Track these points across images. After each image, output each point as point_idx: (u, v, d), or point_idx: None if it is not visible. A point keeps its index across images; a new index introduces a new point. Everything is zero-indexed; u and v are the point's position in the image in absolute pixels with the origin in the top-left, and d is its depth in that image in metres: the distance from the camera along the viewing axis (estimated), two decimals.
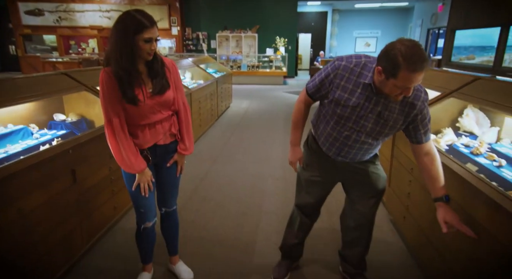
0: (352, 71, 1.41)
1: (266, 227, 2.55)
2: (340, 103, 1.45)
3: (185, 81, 5.20)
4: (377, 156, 1.68)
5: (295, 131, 1.72)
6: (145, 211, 1.70)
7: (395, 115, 1.41)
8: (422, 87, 1.42)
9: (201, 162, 3.97)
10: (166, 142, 1.67)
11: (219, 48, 12.35)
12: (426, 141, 1.46)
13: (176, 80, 1.65)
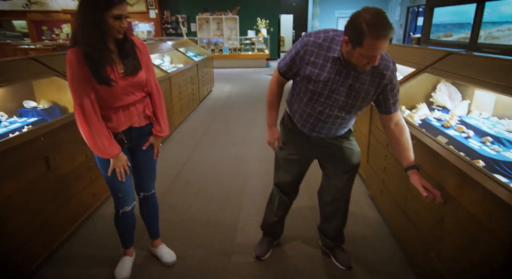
0: (321, 46, 1.42)
1: (248, 208, 2.58)
2: (311, 79, 1.46)
3: (164, 65, 5.08)
4: (351, 131, 1.71)
5: (270, 111, 1.73)
6: (122, 195, 1.69)
7: (366, 87, 1.44)
8: (390, 58, 1.45)
9: (184, 146, 3.95)
10: (141, 124, 1.64)
11: (199, 31, 12.05)
12: (395, 111, 1.49)
13: (147, 61, 1.62)
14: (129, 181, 1.69)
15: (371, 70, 1.40)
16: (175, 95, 4.44)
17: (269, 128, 1.76)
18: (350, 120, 1.61)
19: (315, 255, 2.03)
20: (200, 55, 6.77)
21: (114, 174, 1.60)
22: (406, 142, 1.49)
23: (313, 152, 1.74)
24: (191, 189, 2.89)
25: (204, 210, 2.55)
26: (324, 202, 1.91)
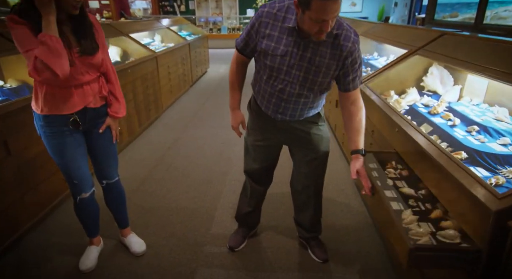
0: (275, 17, 1.31)
1: (228, 195, 2.49)
2: (268, 54, 1.34)
3: (153, 44, 4.89)
4: (321, 115, 1.58)
5: (232, 93, 1.63)
6: (78, 182, 1.59)
7: (327, 61, 1.31)
8: (352, 28, 1.32)
9: (170, 130, 3.83)
10: (97, 105, 1.53)
11: (197, 10, 11.67)
12: (353, 88, 1.39)
13: (102, 39, 1.51)
14: (84, 166, 1.59)
15: (331, 42, 1.28)
16: (163, 75, 4.29)
17: (232, 112, 1.67)
18: (316, 100, 1.47)
19: (292, 247, 1.95)
20: (195, 34, 6.54)
21: (67, 159, 1.52)
22: (358, 123, 1.39)
23: (280, 137, 1.62)
24: (173, 174, 2.80)
25: (182, 197, 2.47)
26: (295, 191, 1.82)
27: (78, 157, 1.54)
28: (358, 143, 1.39)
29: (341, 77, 1.36)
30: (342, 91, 1.41)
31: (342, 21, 1.29)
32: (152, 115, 3.93)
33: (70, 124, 1.46)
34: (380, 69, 2.42)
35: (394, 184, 1.45)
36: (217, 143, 3.44)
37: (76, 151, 1.53)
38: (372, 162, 1.64)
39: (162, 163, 3.01)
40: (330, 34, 1.26)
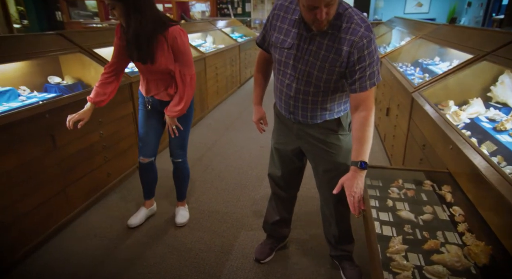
0: (287, 9, 1.26)
1: (262, 202, 2.40)
2: (277, 47, 1.30)
3: (204, 45, 5.00)
4: (341, 124, 1.41)
5: (254, 88, 1.61)
6: (142, 145, 1.96)
7: (331, 55, 1.19)
8: (365, 23, 1.16)
9: (212, 131, 3.86)
10: (163, 99, 1.85)
11: (253, 12, 11.77)
12: (360, 90, 1.21)
13: (177, 52, 1.70)
14: (152, 136, 1.95)
15: (337, 36, 1.18)
16: (210, 77, 4.34)
17: (253, 107, 1.66)
18: (328, 101, 1.33)
19: (322, 266, 1.80)
20: (246, 36, 6.57)
21: (140, 124, 1.93)
22: (361, 132, 1.23)
23: (296, 143, 1.51)
24: (209, 176, 2.80)
25: (215, 200, 2.44)
26: (320, 203, 1.67)
27: (148, 126, 1.92)
28: (358, 153, 1.23)
29: (347, 76, 1.23)
30: (349, 92, 1.27)
31: (354, 14, 1.17)
32: (196, 116, 4.00)
33: (146, 102, 1.89)
34: (439, 75, 2.14)
35: (394, 206, 1.28)
36: (256, 146, 3.38)
37: (149, 121, 1.92)
38: (377, 179, 1.45)
39: (200, 163, 3.03)
40: (335, 26, 1.16)
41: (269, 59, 1.52)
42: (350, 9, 1.18)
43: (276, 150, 1.61)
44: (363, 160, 1.22)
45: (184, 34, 1.70)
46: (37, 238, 1.85)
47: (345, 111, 1.40)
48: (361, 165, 1.21)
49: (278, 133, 1.58)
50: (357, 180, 1.21)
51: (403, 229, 1.14)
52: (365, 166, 1.22)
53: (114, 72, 1.80)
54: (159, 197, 2.40)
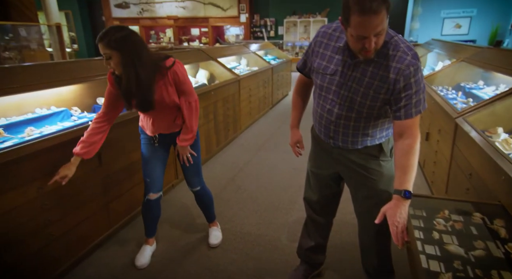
0: (330, 37, 1.29)
1: (295, 226, 2.36)
2: (319, 72, 1.32)
3: (238, 68, 5.15)
4: (383, 150, 1.38)
5: (292, 112, 1.63)
6: (150, 180, 1.88)
7: (376, 82, 1.19)
8: (412, 51, 1.16)
9: (244, 151, 3.90)
10: (173, 130, 1.84)
11: (286, 35, 12.04)
12: (405, 117, 1.19)
13: (179, 84, 1.70)
14: (159, 171, 1.90)
15: (382, 63, 1.19)
16: (244, 98, 4.44)
17: (290, 130, 1.67)
18: (370, 127, 1.31)
19: None
20: (279, 59, 6.70)
21: (146, 159, 1.88)
22: (405, 160, 1.20)
23: (336, 168, 1.49)
24: (241, 196, 2.81)
25: (247, 222, 2.43)
26: (358, 232, 1.62)
27: (155, 160, 1.88)
28: (400, 181, 1.20)
29: (392, 103, 1.22)
30: (392, 119, 1.26)
31: (401, 42, 1.18)
32: (229, 136, 4.08)
33: (151, 140, 1.87)
34: (486, 101, 2.05)
35: (440, 239, 1.19)
36: (289, 168, 3.36)
37: (155, 155, 1.88)
38: (420, 209, 1.37)
39: (232, 183, 3.05)
40: (381, 54, 1.17)
41: (308, 84, 1.56)
42: (396, 37, 1.19)
43: (313, 174, 1.60)
44: (407, 188, 1.18)
45: (180, 65, 1.69)
46: (81, 251, 1.94)
47: (386, 137, 1.38)
48: (405, 194, 1.17)
49: (316, 157, 1.57)
50: (401, 209, 1.17)
51: (452, 265, 1.07)
52: (410, 195, 1.18)
53: (108, 122, 1.73)
54: (193, 216, 2.44)
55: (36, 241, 1.65)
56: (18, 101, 2.02)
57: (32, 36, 7.05)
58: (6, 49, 5.79)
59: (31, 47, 6.94)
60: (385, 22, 1.06)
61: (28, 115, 2.03)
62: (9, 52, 5.74)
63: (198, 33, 13.20)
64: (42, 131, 1.91)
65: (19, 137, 1.81)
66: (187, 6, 12.61)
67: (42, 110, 2.13)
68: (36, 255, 1.66)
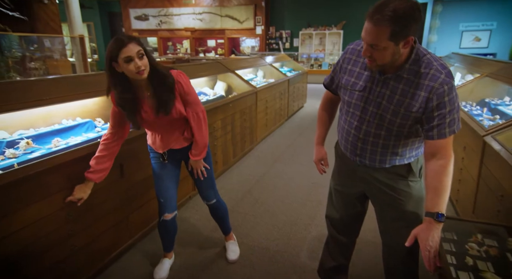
0: (359, 54, 1.31)
1: (314, 243, 2.31)
2: (347, 89, 1.32)
3: (255, 79, 5.18)
4: (412, 170, 1.33)
5: (317, 128, 1.62)
6: (164, 201, 1.83)
7: (407, 100, 1.17)
8: (446, 69, 1.13)
9: (261, 162, 3.89)
10: (182, 145, 1.79)
11: (301, 46, 12.11)
12: (438, 137, 1.16)
13: (184, 94, 1.65)
14: (172, 190, 1.85)
15: (414, 81, 1.17)
16: (261, 110, 4.45)
17: (315, 146, 1.64)
18: (400, 146, 1.28)
19: None
20: (295, 70, 6.72)
21: (158, 178, 1.82)
22: (437, 181, 1.17)
23: (360, 186, 1.45)
24: (258, 210, 2.78)
25: (265, 236, 2.40)
26: (382, 255, 1.56)
27: (167, 179, 1.83)
28: (432, 204, 1.16)
29: (424, 122, 1.18)
30: (424, 138, 1.22)
31: (434, 60, 1.16)
32: (246, 147, 4.08)
33: (160, 157, 1.80)
34: None
35: (475, 265, 1.13)
36: (306, 182, 3.32)
37: (167, 174, 1.83)
38: (450, 231, 1.31)
39: (248, 196, 3.03)
40: (412, 71, 1.16)
41: (335, 101, 1.55)
42: (428, 55, 1.17)
43: (337, 192, 1.57)
44: (440, 211, 1.14)
45: (183, 75, 1.66)
46: (101, 262, 1.95)
47: (416, 157, 1.34)
48: (437, 217, 1.13)
49: (340, 174, 1.54)
50: (433, 232, 1.14)
51: None
52: (443, 218, 1.14)
53: (117, 142, 1.68)
54: (210, 228, 2.42)
55: (59, 252, 1.67)
56: (46, 113, 2.08)
57: (55, 46, 7.33)
58: (32, 59, 6.00)
59: (54, 57, 7.20)
60: (382, 40, 1.07)
61: (55, 126, 2.09)
62: (35, 63, 5.95)
63: (214, 44, 13.42)
64: (68, 142, 1.96)
65: (46, 148, 1.86)
66: (204, 18, 12.88)
67: (68, 121, 2.18)
68: (59, 266, 1.67)
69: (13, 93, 1.73)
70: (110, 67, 1.45)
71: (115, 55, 1.41)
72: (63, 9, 7.68)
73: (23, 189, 1.46)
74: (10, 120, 1.89)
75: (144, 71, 1.46)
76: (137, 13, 13.72)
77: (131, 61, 1.42)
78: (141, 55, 1.44)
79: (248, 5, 12.14)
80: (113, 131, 1.67)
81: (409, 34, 1.08)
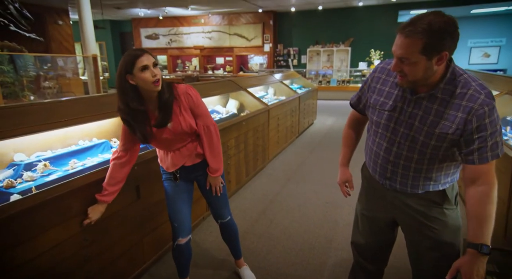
0: (389, 73, 1.27)
1: (335, 269, 2.21)
2: (376, 108, 1.27)
3: (266, 97, 5.19)
4: (447, 197, 1.25)
5: (342, 149, 1.57)
6: (178, 225, 1.76)
7: (443, 122, 1.11)
8: (485, 90, 1.07)
9: (273, 181, 3.82)
10: (194, 162, 1.74)
11: (309, 63, 12.21)
12: (479, 162, 1.08)
13: (194, 106, 1.63)
14: (186, 213, 1.79)
15: (450, 101, 1.11)
16: (273, 127, 4.42)
17: (339, 168, 1.58)
18: (434, 170, 1.20)
19: None
20: (305, 87, 6.73)
21: (171, 201, 1.76)
22: (480, 209, 1.09)
23: (389, 212, 1.37)
24: (274, 232, 2.69)
25: (283, 261, 2.31)
26: None
27: (180, 202, 1.77)
28: (476, 234, 1.09)
29: (463, 145, 1.11)
30: (463, 163, 1.15)
31: (471, 80, 1.10)
32: (258, 165, 4.03)
33: (172, 176, 1.75)
34: None
35: None
36: (321, 202, 3.23)
37: (180, 196, 1.77)
38: (491, 262, 1.24)
39: (264, 217, 2.95)
40: (447, 91, 1.11)
41: (361, 121, 1.51)
42: (466, 74, 1.12)
43: (364, 217, 1.49)
44: (485, 243, 1.07)
45: (193, 88, 1.64)
46: None
47: (451, 183, 1.27)
48: (482, 249, 1.06)
49: (367, 198, 1.47)
50: (478, 266, 1.07)
51: None
52: (488, 251, 1.06)
53: (129, 160, 1.64)
54: (226, 251, 2.34)
55: None
56: (63, 134, 2.07)
57: (68, 65, 7.50)
58: (46, 79, 6.12)
59: (67, 76, 7.36)
60: (414, 53, 1.04)
61: (72, 147, 2.07)
62: (49, 82, 6.06)
63: (223, 61, 13.62)
64: (84, 164, 1.93)
65: (63, 170, 1.83)
66: (213, 37, 13.13)
67: (84, 142, 2.17)
68: None
69: (31, 116, 1.73)
70: (124, 80, 1.44)
71: (131, 66, 1.42)
72: (76, 29, 7.90)
73: (41, 214, 1.42)
74: (28, 141, 1.88)
75: (159, 82, 1.47)
76: (147, 32, 14.07)
77: (147, 69, 1.43)
78: (155, 65, 1.47)
79: (256, 23, 12.38)
80: (124, 149, 1.63)
81: (444, 50, 1.03)
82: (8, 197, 1.48)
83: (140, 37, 14.19)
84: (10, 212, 1.29)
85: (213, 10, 12.01)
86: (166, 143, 1.64)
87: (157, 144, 1.66)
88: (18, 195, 1.51)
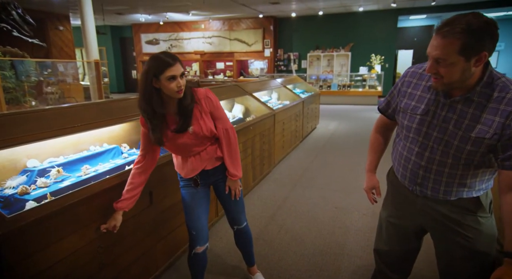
0: (420, 77, 1.26)
1: (348, 275, 2.18)
2: (407, 113, 1.24)
3: (270, 102, 5.18)
4: (481, 204, 1.22)
5: (369, 154, 1.52)
6: (196, 233, 1.73)
7: (479, 126, 1.08)
8: None
9: (280, 186, 3.79)
10: (214, 165, 1.72)
11: (309, 68, 12.25)
12: None
13: (214, 109, 1.65)
14: (204, 221, 1.76)
15: (487, 105, 1.08)
16: (278, 132, 4.41)
17: (366, 174, 1.54)
18: (469, 176, 1.17)
19: None
20: (308, 92, 6.73)
21: (188, 208, 1.74)
22: None
23: (419, 220, 1.33)
24: (284, 238, 2.66)
25: (296, 267, 2.27)
26: None
27: (199, 209, 1.74)
28: None
29: (499, 151, 1.09)
30: (499, 168, 1.13)
31: (510, 84, 1.08)
32: (264, 170, 4.00)
33: (192, 182, 1.72)
34: None
35: None
36: (330, 206, 3.21)
37: (198, 202, 1.74)
38: None
39: (273, 222, 2.92)
40: (484, 95, 1.08)
41: (389, 126, 1.49)
42: (503, 78, 1.10)
43: (390, 224, 1.45)
44: None
45: (211, 92, 1.65)
46: None
47: (485, 190, 1.24)
48: None
49: (394, 205, 1.43)
50: None
51: None
52: None
53: (149, 165, 1.64)
54: (237, 258, 2.31)
55: None
56: (75, 139, 2.04)
57: (68, 71, 7.49)
58: (49, 84, 6.10)
59: (67, 81, 7.34)
60: (451, 54, 1.02)
61: (84, 153, 2.05)
62: (51, 87, 6.04)
63: (223, 66, 13.65)
64: (97, 170, 1.91)
65: (76, 176, 1.81)
66: (213, 42, 13.16)
67: (95, 147, 2.14)
68: None
69: (44, 121, 1.71)
70: (150, 82, 1.44)
71: (160, 72, 1.42)
72: (76, 35, 7.90)
73: (58, 221, 1.39)
74: (40, 147, 1.85)
75: (183, 91, 1.49)
76: (148, 37, 14.09)
77: (174, 80, 1.44)
78: (183, 75, 1.49)
79: (256, 28, 12.43)
80: (143, 153, 1.62)
81: (483, 50, 1.01)
82: (24, 203, 1.45)
83: (141, 43, 14.21)
84: (27, 219, 1.27)
85: (214, 15, 12.06)
86: (183, 148, 1.62)
87: (174, 149, 1.64)
88: (33, 201, 1.48)
